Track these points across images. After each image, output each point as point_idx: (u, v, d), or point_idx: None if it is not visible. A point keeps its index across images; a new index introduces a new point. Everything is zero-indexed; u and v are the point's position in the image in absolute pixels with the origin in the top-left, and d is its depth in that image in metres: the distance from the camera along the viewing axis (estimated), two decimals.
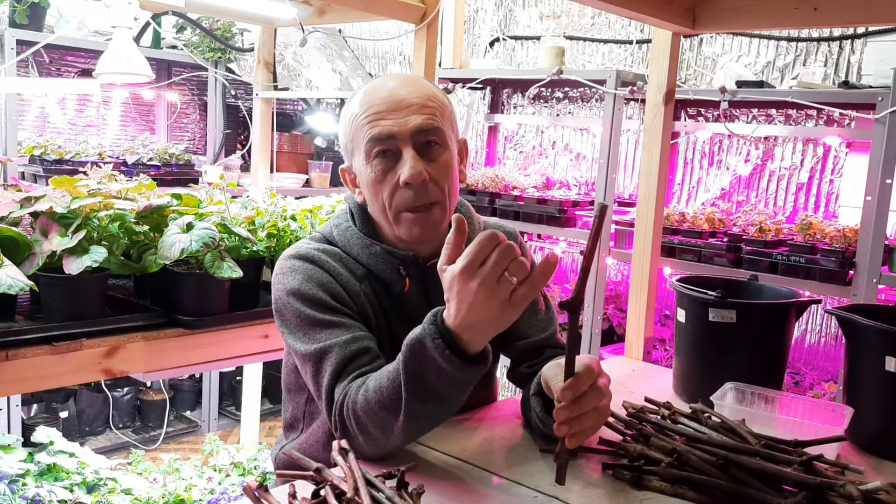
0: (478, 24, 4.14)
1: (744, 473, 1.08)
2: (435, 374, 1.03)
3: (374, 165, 1.22)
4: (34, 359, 1.56)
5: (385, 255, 1.28)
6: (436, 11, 2.58)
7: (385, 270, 1.28)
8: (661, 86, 1.99)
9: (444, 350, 1.00)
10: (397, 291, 1.29)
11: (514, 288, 0.96)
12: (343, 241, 1.31)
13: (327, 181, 4.47)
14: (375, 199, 1.25)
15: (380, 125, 1.20)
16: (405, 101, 1.21)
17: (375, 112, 1.21)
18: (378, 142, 1.21)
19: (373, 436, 1.12)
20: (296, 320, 1.24)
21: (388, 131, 1.20)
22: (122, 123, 4.29)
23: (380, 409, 1.09)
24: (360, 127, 1.22)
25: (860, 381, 1.39)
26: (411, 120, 1.20)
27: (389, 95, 1.22)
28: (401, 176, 1.20)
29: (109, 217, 1.72)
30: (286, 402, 1.46)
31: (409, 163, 1.19)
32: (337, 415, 1.16)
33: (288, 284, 1.25)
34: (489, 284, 0.96)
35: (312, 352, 1.20)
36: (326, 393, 1.18)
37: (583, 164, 3.78)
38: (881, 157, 2.35)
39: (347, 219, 1.33)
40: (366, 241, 1.29)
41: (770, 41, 3.17)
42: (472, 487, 1.12)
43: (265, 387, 3.55)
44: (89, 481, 2.55)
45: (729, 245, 2.72)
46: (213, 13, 3.53)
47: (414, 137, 1.21)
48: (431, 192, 1.22)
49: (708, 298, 1.54)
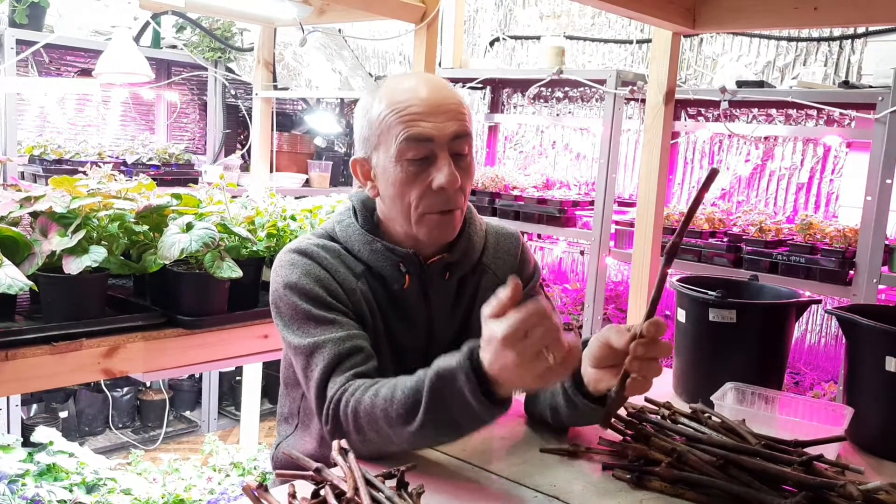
0: (478, 24, 4.14)
1: (744, 474, 1.08)
2: (459, 408, 1.03)
3: (405, 166, 1.21)
4: (34, 359, 1.56)
5: (386, 251, 1.28)
6: (436, 11, 2.57)
7: (385, 267, 1.28)
8: (661, 86, 1.99)
9: (477, 390, 1.01)
10: (396, 289, 1.29)
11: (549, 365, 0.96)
12: (345, 237, 1.31)
13: (327, 181, 4.46)
14: (400, 198, 1.23)
15: (419, 126, 1.19)
16: (443, 106, 1.21)
17: (414, 113, 1.20)
18: (415, 143, 1.19)
19: (367, 438, 1.12)
20: (291, 314, 1.24)
21: (428, 134, 1.19)
22: (122, 123, 4.29)
23: (385, 418, 1.09)
24: (393, 125, 1.21)
25: (860, 381, 1.39)
26: (449, 126, 1.20)
27: (429, 98, 1.21)
28: (435, 180, 1.20)
29: (109, 217, 1.72)
30: (283, 397, 1.46)
31: (447, 169, 1.20)
32: (331, 409, 1.16)
33: (286, 278, 1.26)
34: (526, 358, 0.95)
35: (305, 345, 1.21)
36: (317, 386, 1.18)
37: (583, 164, 3.78)
38: (881, 156, 2.35)
39: (350, 216, 1.34)
40: (367, 238, 1.29)
41: (770, 41, 3.17)
42: (472, 487, 1.12)
43: (265, 387, 3.55)
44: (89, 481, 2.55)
45: (729, 245, 2.72)
46: (213, 13, 3.53)
47: (450, 143, 1.21)
48: (458, 198, 1.24)
49: (708, 298, 1.54)
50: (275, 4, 2.76)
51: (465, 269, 1.34)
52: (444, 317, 1.33)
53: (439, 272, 1.31)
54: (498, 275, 1.38)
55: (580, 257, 3.77)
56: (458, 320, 1.35)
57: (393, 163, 1.22)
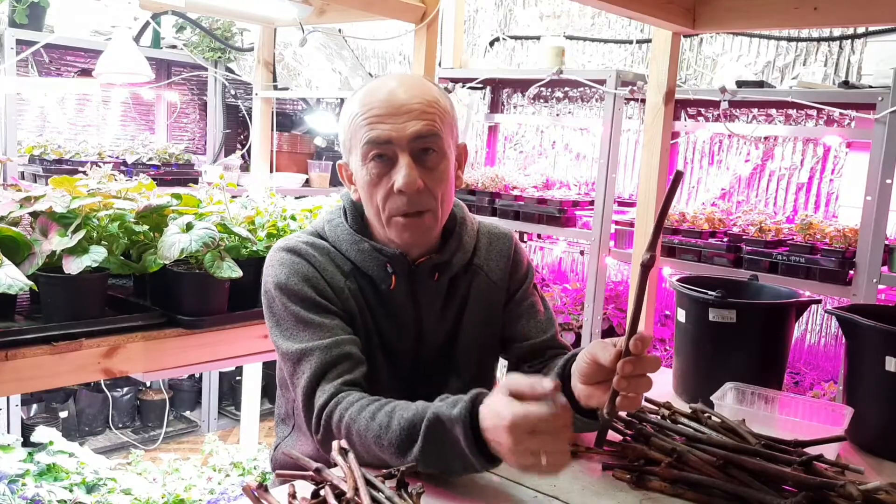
0: (478, 24, 4.14)
1: (744, 474, 1.08)
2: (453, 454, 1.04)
3: (369, 168, 1.21)
4: (34, 359, 1.56)
5: (373, 252, 1.28)
6: (436, 11, 2.57)
7: (372, 267, 1.28)
8: (661, 86, 1.99)
9: (472, 445, 1.01)
10: (384, 289, 1.28)
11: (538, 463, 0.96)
12: (333, 237, 1.31)
13: (327, 181, 4.46)
14: (370, 200, 1.24)
15: (378, 129, 1.19)
16: (405, 106, 1.19)
17: (374, 115, 1.19)
18: (375, 145, 1.19)
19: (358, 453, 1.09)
20: (281, 315, 1.25)
21: (386, 136, 1.19)
22: (122, 123, 4.29)
23: (377, 444, 1.09)
24: (359, 127, 1.21)
25: (860, 381, 1.39)
26: (409, 126, 1.19)
27: (389, 98, 1.20)
28: (395, 182, 1.19)
29: (109, 217, 1.72)
30: (279, 398, 1.47)
31: (404, 170, 1.18)
32: (323, 420, 1.15)
33: (275, 277, 1.26)
34: (520, 450, 0.95)
35: (293, 351, 1.21)
36: (304, 394, 1.18)
37: (583, 164, 3.78)
38: (881, 156, 2.35)
39: (340, 215, 1.34)
40: (355, 238, 1.29)
41: (770, 41, 3.17)
42: (472, 487, 1.12)
43: (265, 387, 3.55)
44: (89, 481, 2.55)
45: (729, 245, 2.72)
46: (213, 13, 3.53)
47: (411, 144, 1.19)
48: (424, 199, 1.22)
49: (708, 298, 1.54)
50: (275, 4, 2.76)
51: (456, 269, 1.33)
52: (433, 318, 1.32)
53: (428, 273, 1.30)
54: (490, 275, 1.38)
55: (580, 257, 3.77)
56: (450, 321, 1.34)
57: (360, 165, 1.23)
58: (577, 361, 1.13)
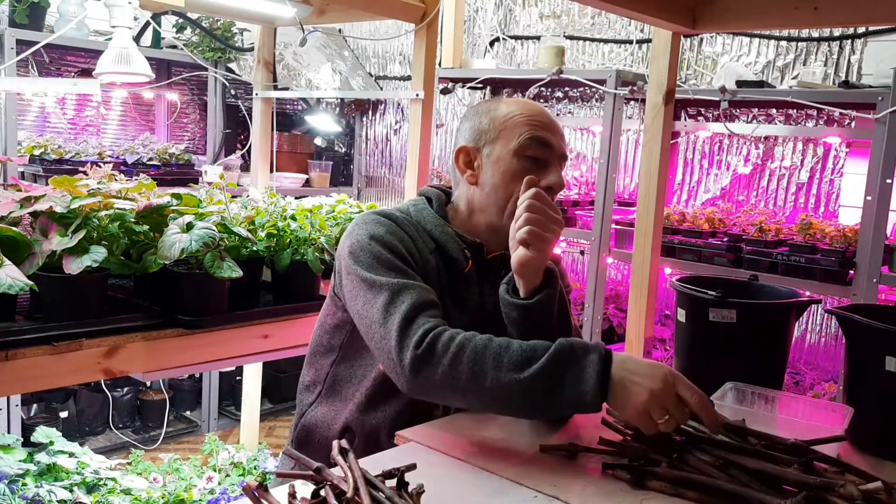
0: (478, 24, 4.14)
1: (744, 474, 1.08)
2: (572, 380, 1.12)
3: (521, 160, 1.36)
4: (34, 359, 1.56)
5: (455, 236, 1.40)
6: (436, 11, 2.58)
7: (453, 248, 1.39)
8: (661, 86, 1.99)
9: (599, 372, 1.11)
10: (458, 271, 1.39)
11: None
12: (418, 217, 1.42)
13: (327, 181, 4.47)
14: (504, 188, 1.36)
15: (544, 133, 1.36)
16: (559, 131, 1.41)
17: (539, 122, 1.37)
18: (538, 144, 1.36)
19: (458, 372, 1.15)
20: (374, 260, 1.30)
21: (550, 141, 1.37)
22: (122, 123, 4.29)
23: (494, 360, 1.15)
24: (521, 124, 1.36)
25: (860, 381, 1.39)
26: (562, 146, 1.40)
27: (550, 121, 1.39)
28: (545, 180, 1.33)
29: (109, 217, 1.72)
30: (308, 365, 1.51)
31: (559, 173, 1.37)
32: (429, 337, 1.18)
33: (372, 231, 1.34)
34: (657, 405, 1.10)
35: (394, 283, 1.26)
36: (404, 317, 1.21)
37: (583, 165, 3.78)
38: (881, 156, 2.35)
39: (424, 203, 1.46)
40: (439, 222, 1.41)
41: (770, 41, 3.17)
42: (472, 487, 1.12)
43: (265, 387, 3.55)
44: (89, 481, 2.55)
45: (729, 245, 2.72)
46: (213, 13, 3.53)
47: (560, 159, 1.39)
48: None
49: (708, 298, 1.54)
50: (275, 4, 2.76)
51: None
52: (492, 305, 1.39)
53: (496, 267, 1.40)
54: None
55: (580, 257, 3.77)
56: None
57: (510, 155, 1.36)
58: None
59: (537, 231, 1.22)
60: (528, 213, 1.22)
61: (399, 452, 1.23)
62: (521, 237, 1.22)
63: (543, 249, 1.23)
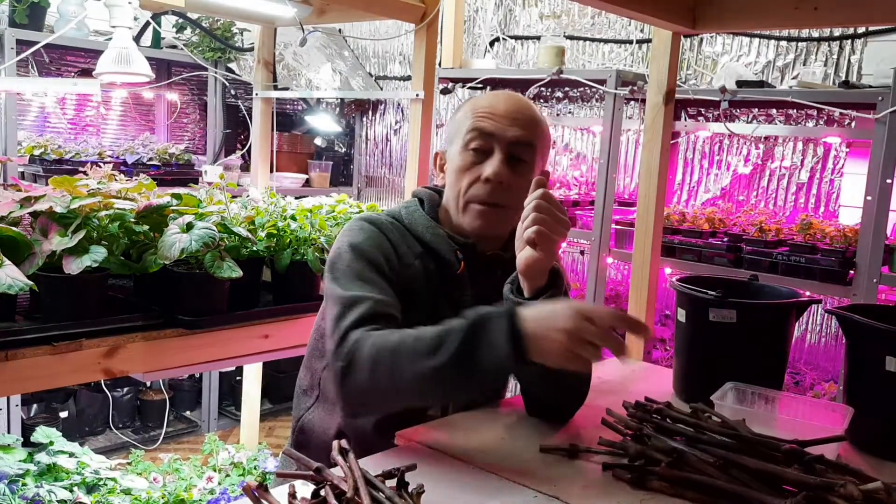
0: (478, 24, 4.14)
1: (744, 474, 1.08)
2: (487, 349, 1.11)
3: (466, 154, 1.36)
4: (34, 359, 1.56)
5: (447, 237, 1.39)
6: (436, 11, 2.58)
7: (444, 249, 1.38)
8: (661, 86, 1.99)
9: (510, 333, 1.09)
10: (450, 273, 1.38)
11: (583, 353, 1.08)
12: (410, 220, 1.42)
13: (327, 181, 4.47)
14: (455, 184, 1.37)
15: (486, 122, 1.34)
16: (514, 113, 1.35)
17: (487, 112, 1.35)
18: (478, 134, 1.34)
19: (378, 375, 1.15)
20: (345, 269, 1.32)
21: (490, 129, 1.34)
22: (122, 123, 4.29)
23: (410, 351, 1.15)
24: (468, 118, 1.37)
25: (860, 381, 1.39)
26: (512, 130, 1.34)
27: (504, 104, 1.36)
28: (484, 171, 1.33)
29: (109, 217, 1.72)
30: (304, 369, 1.52)
31: (496, 163, 1.33)
32: (352, 345, 1.19)
33: (352, 238, 1.35)
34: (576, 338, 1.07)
35: (347, 297, 1.26)
36: (343, 331, 1.22)
37: (583, 165, 3.78)
38: (881, 156, 2.35)
39: (416, 204, 1.45)
40: (430, 223, 1.41)
41: (770, 41, 3.17)
42: (472, 487, 1.12)
43: (265, 387, 3.55)
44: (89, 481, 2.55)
45: (729, 245, 2.72)
46: (213, 12, 3.53)
47: (508, 146, 1.34)
48: (504, 195, 1.34)
49: (708, 298, 1.54)
50: (275, 4, 2.76)
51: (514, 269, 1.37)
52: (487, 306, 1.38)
53: (491, 266, 1.40)
54: None
55: (580, 257, 3.77)
56: None
57: (459, 151, 1.37)
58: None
59: (545, 231, 1.21)
60: (536, 213, 1.21)
61: (399, 452, 1.23)
62: (528, 237, 1.21)
63: (550, 250, 1.23)
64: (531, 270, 1.24)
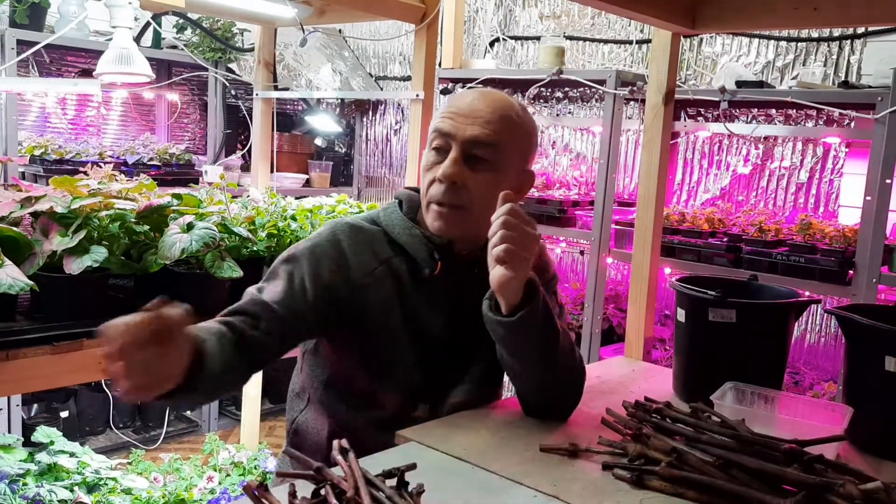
0: (478, 24, 4.15)
1: (744, 473, 1.08)
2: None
3: (428, 155, 1.35)
4: (34, 359, 1.56)
5: (423, 238, 1.37)
6: (436, 11, 2.58)
7: (420, 251, 1.36)
8: (661, 86, 1.99)
9: None
10: (427, 274, 1.36)
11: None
12: (387, 222, 1.40)
13: (327, 181, 4.47)
14: (422, 184, 1.37)
15: (446, 122, 1.33)
16: (477, 112, 1.32)
17: (451, 112, 1.33)
18: (437, 134, 1.33)
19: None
20: (273, 267, 1.35)
21: (447, 129, 1.32)
22: (123, 123, 4.29)
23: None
24: (437, 117, 1.36)
25: (860, 380, 1.40)
26: (470, 129, 1.31)
27: (468, 102, 1.33)
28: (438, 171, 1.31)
29: (110, 217, 1.72)
30: (297, 374, 1.52)
31: (448, 162, 1.30)
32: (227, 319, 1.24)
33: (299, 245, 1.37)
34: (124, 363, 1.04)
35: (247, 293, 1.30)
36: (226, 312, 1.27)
37: (583, 165, 3.78)
38: (881, 156, 2.35)
39: (396, 206, 1.44)
40: (407, 224, 1.39)
41: (770, 41, 3.17)
42: (472, 487, 1.12)
43: (265, 387, 3.55)
44: (89, 481, 2.55)
45: (729, 245, 2.72)
46: (214, 13, 3.53)
47: (465, 144, 1.30)
48: (461, 196, 1.31)
49: (708, 298, 1.54)
50: (275, 5, 2.76)
51: None
52: (467, 308, 1.37)
53: (469, 266, 1.37)
54: None
55: (580, 257, 3.77)
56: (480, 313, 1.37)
57: (426, 151, 1.37)
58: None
59: (513, 249, 1.18)
60: (503, 230, 1.18)
61: (399, 452, 1.23)
62: (497, 256, 1.19)
63: (521, 267, 1.20)
64: (504, 289, 1.22)
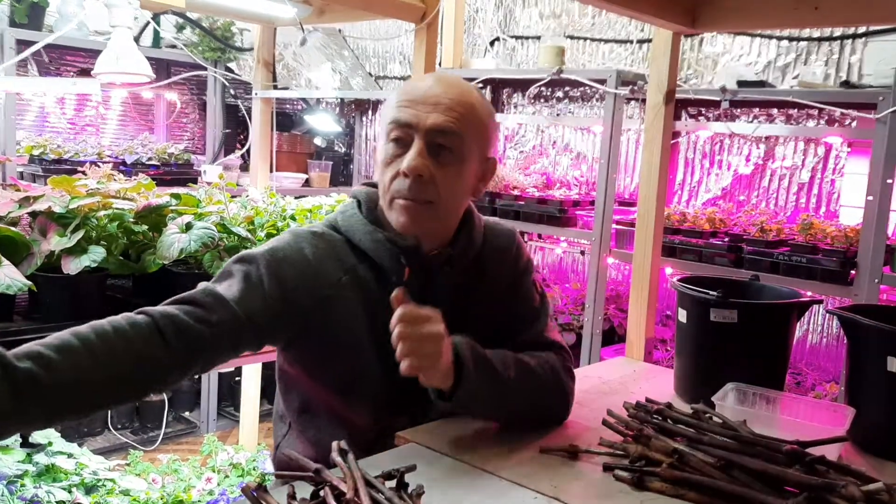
0: (478, 24, 4.14)
1: (745, 474, 1.08)
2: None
3: (387, 147, 1.25)
4: None
5: (387, 242, 1.28)
6: (436, 11, 2.57)
7: (385, 258, 1.28)
8: (661, 85, 1.99)
9: None
10: (395, 281, 1.26)
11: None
12: (347, 227, 1.31)
13: (327, 181, 4.46)
14: (381, 179, 1.27)
15: (403, 112, 1.23)
16: (435, 98, 1.23)
17: (406, 100, 1.24)
18: (396, 126, 1.24)
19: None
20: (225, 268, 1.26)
21: (407, 119, 1.23)
22: (122, 123, 4.29)
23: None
24: (389, 111, 1.26)
25: (862, 381, 1.39)
26: (432, 117, 1.22)
27: (425, 88, 1.25)
28: (402, 165, 1.22)
29: (108, 217, 1.72)
30: (278, 396, 1.46)
31: (412, 155, 1.21)
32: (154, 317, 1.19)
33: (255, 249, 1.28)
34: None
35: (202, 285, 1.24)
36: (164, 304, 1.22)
37: (583, 164, 3.77)
38: (882, 156, 2.35)
39: (354, 207, 1.34)
40: (368, 228, 1.29)
41: (771, 41, 3.16)
42: (472, 487, 1.11)
43: (264, 387, 3.54)
44: (88, 482, 2.55)
45: (730, 245, 2.71)
46: (213, 12, 3.53)
47: (428, 134, 1.22)
48: (428, 190, 1.23)
49: (709, 299, 1.54)
50: (275, 4, 2.76)
51: (465, 264, 1.34)
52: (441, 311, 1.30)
53: (439, 266, 1.30)
54: (494, 271, 1.38)
55: (580, 257, 3.76)
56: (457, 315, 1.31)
57: (382, 145, 1.27)
58: None
59: (416, 362, 1.11)
60: (401, 342, 1.11)
61: (399, 453, 1.23)
62: (404, 370, 1.12)
63: (432, 366, 1.14)
64: (430, 385, 1.18)
